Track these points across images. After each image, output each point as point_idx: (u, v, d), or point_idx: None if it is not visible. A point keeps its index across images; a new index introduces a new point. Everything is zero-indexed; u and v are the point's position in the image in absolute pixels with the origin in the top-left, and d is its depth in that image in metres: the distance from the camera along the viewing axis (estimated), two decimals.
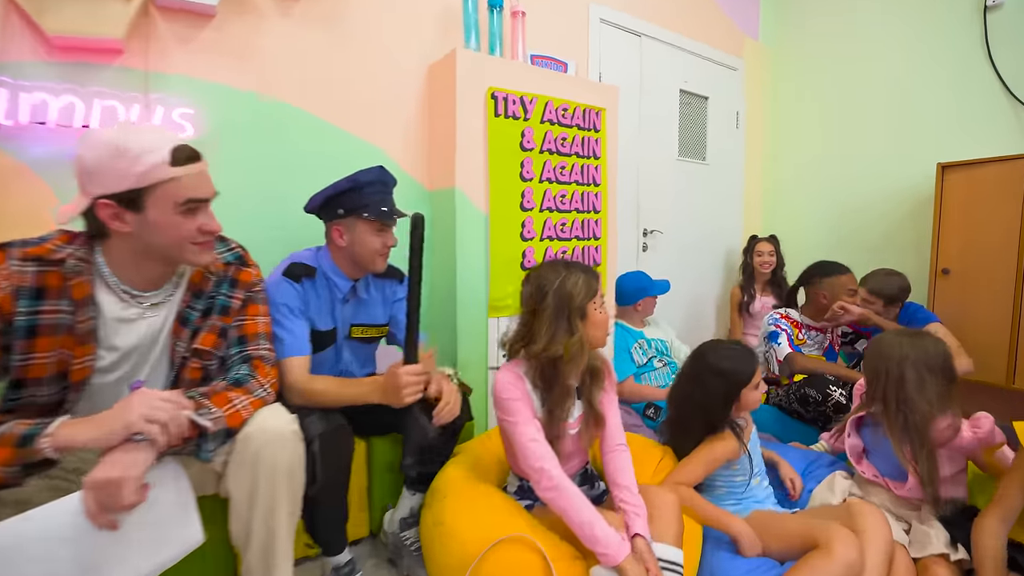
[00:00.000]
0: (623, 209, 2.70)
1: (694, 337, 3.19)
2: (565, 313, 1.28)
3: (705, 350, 1.49)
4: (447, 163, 1.91)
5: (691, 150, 3.08)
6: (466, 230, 1.90)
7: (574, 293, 1.28)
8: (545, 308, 1.28)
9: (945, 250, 2.52)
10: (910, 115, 2.84)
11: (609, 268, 2.32)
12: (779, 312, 2.23)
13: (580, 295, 1.29)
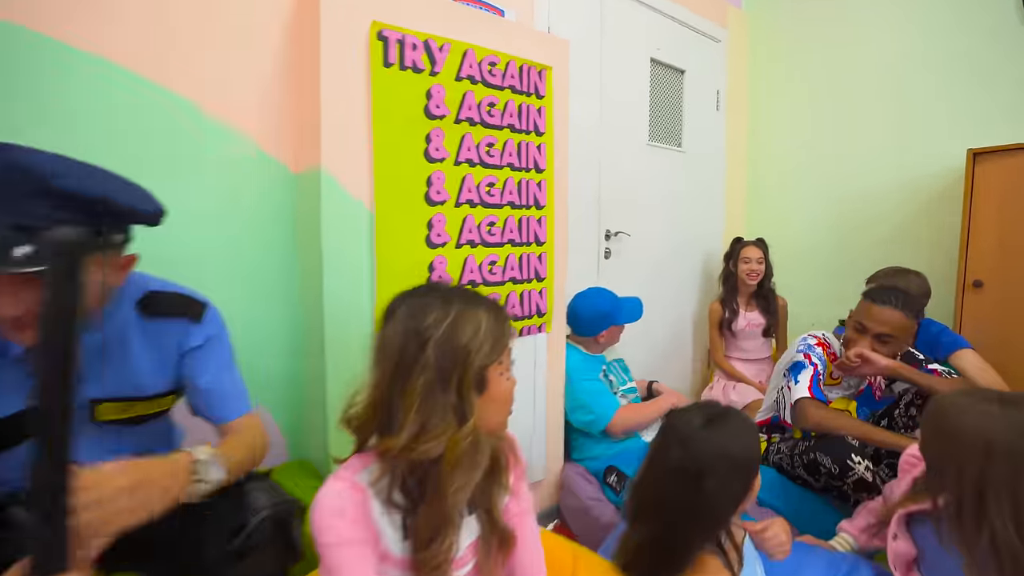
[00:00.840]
0: (580, 206, 2.13)
1: (667, 366, 2.64)
2: (452, 382, 0.74)
3: (690, 435, 0.92)
4: (312, 133, 1.30)
5: (664, 134, 2.53)
6: (338, 231, 1.29)
7: (472, 349, 0.75)
8: (418, 370, 0.73)
9: (977, 257, 2.03)
10: (927, 91, 2.34)
11: (559, 283, 1.74)
12: (815, 336, 1.66)
13: (482, 352, 0.75)
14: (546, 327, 1.71)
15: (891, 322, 1.47)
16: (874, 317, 1.48)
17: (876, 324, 1.48)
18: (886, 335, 1.48)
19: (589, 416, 1.73)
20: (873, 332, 1.48)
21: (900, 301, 1.49)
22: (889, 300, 1.49)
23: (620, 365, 1.97)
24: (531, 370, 1.68)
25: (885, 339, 1.48)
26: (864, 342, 1.49)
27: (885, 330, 1.47)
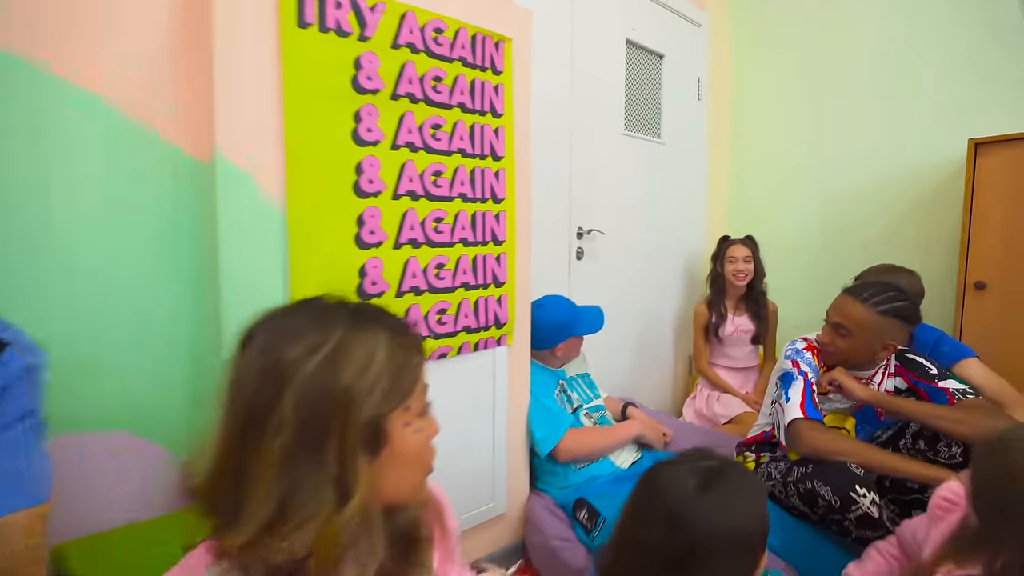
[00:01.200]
0: (547, 200, 1.91)
1: (646, 374, 2.44)
2: (329, 443, 0.51)
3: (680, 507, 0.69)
4: (206, 109, 1.05)
5: (642, 123, 2.32)
6: (239, 228, 1.05)
7: (358, 392, 0.52)
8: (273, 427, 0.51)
9: (979, 256, 1.86)
10: (925, 76, 2.17)
11: (521, 288, 1.52)
12: (804, 340, 1.47)
13: (374, 396, 0.54)
14: (507, 339, 1.49)
15: (851, 315, 1.34)
16: (836, 306, 1.39)
17: (834, 313, 1.39)
18: (842, 327, 1.35)
19: (539, 433, 1.52)
20: (831, 321, 1.38)
21: (873, 296, 1.34)
22: (859, 293, 1.36)
23: (585, 380, 1.76)
24: (489, 389, 1.46)
25: (841, 331, 1.36)
26: (826, 332, 1.40)
27: (840, 320, 1.36)
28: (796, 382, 1.35)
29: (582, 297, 2.05)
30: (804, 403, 1.30)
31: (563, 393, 1.65)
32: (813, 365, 1.39)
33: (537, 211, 1.80)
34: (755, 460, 1.55)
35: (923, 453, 1.31)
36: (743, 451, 1.60)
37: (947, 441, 1.26)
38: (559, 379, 1.68)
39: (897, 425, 1.45)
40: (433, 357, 1.33)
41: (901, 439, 1.38)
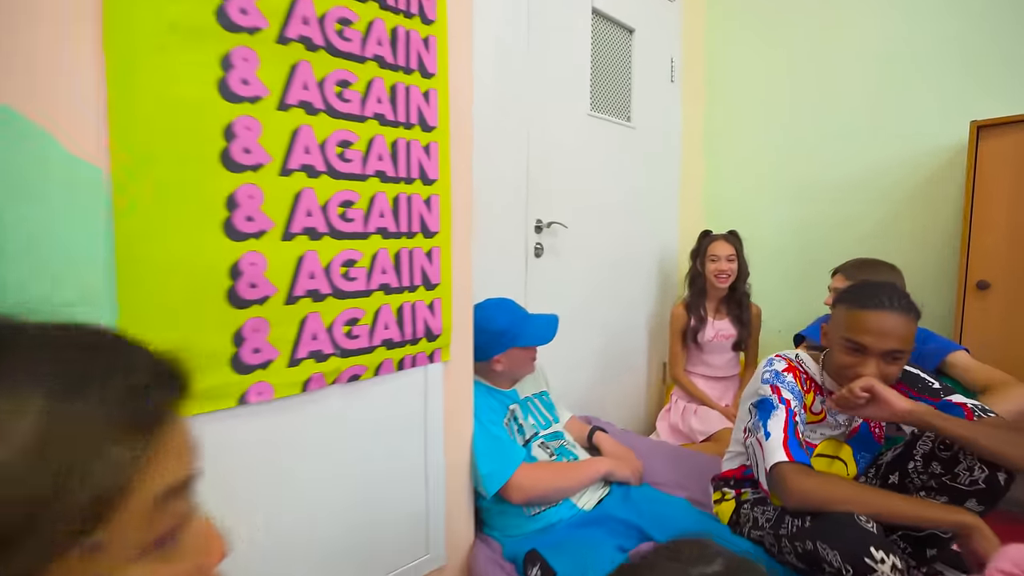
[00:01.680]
0: (499, 187, 1.64)
1: (616, 384, 2.19)
2: None
3: None
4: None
5: (610, 104, 2.07)
6: (36, 211, 0.74)
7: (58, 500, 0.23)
8: None
9: (982, 252, 1.67)
10: (922, 54, 1.96)
11: (461, 290, 1.24)
12: (784, 358, 1.21)
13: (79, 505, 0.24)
14: (442, 354, 1.20)
15: (901, 332, 1.06)
16: (876, 328, 1.05)
17: (881, 339, 1.05)
18: (898, 352, 1.06)
19: (484, 469, 1.25)
20: (879, 350, 1.05)
21: (900, 300, 1.08)
22: (889, 303, 1.06)
23: (543, 401, 1.49)
24: (420, 416, 1.18)
25: (897, 356, 1.06)
26: (869, 366, 1.06)
27: (895, 345, 1.05)
28: (776, 413, 1.10)
29: (542, 300, 1.78)
30: (788, 440, 1.05)
31: (513, 421, 1.38)
32: (796, 391, 1.15)
33: (485, 198, 1.52)
34: (735, 497, 1.31)
35: (938, 478, 1.08)
36: (720, 486, 1.36)
37: (968, 464, 1.04)
38: (510, 403, 1.41)
39: (900, 444, 1.22)
40: (342, 380, 1.04)
41: (909, 461, 1.16)
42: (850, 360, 1.09)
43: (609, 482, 1.39)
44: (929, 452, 1.11)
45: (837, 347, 1.12)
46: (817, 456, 1.23)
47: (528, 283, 1.74)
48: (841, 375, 1.12)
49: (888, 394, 1.03)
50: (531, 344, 1.40)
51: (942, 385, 1.15)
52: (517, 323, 1.37)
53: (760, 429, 1.11)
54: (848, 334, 1.08)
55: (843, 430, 1.24)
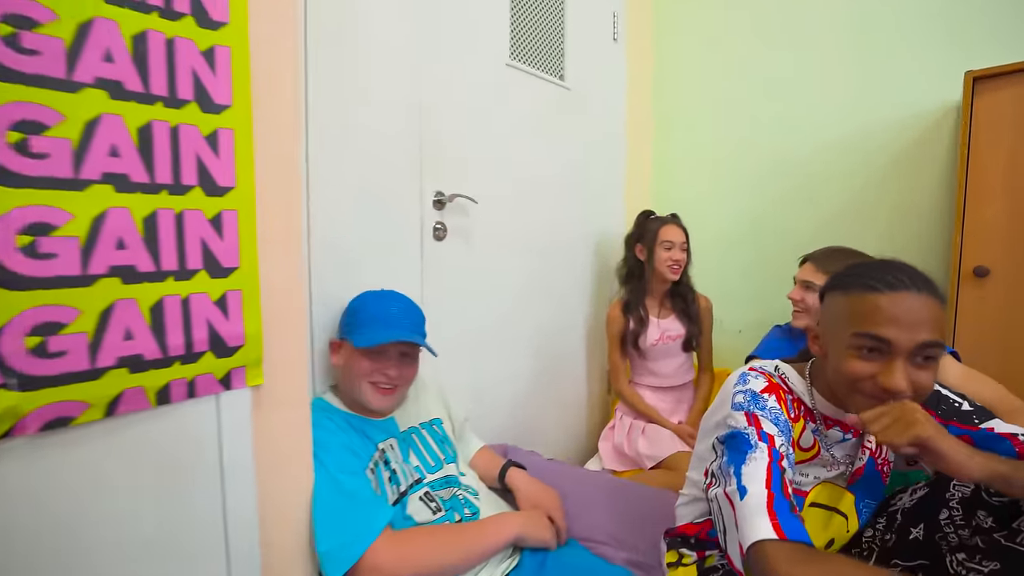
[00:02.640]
0: (379, 145, 1.22)
1: (550, 401, 1.76)
2: None
3: None
4: None
5: (537, 56, 1.69)
6: None
7: None
8: None
9: (978, 233, 1.38)
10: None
11: (284, 278, 0.82)
12: (762, 373, 0.85)
13: None
14: (247, 376, 0.78)
15: (935, 319, 0.71)
16: (903, 315, 0.70)
17: (911, 329, 0.70)
18: (932, 346, 0.71)
19: (324, 545, 0.83)
20: (907, 346, 0.70)
21: (923, 279, 0.73)
22: (911, 282, 0.72)
23: (431, 432, 1.09)
24: (210, 474, 0.75)
25: (930, 356, 0.71)
26: (894, 373, 0.70)
27: (929, 336, 0.70)
28: (754, 457, 0.73)
29: (445, 296, 1.38)
30: (774, 502, 0.68)
31: (383, 466, 0.97)
32: (783, 422, 0.79)
33: (351, 152, 1.11)
34: (696, 563, 0.94)
35: (988, 534, 0.74)
36: (677, 545, 0.99)
37: None
38: (382, 439, 1.00)
39: (923, 483, 0.88)
40: (28, 428, 0.60)
41: (941, 509, 0.81)
42: (864, 367, 0.73)
43: (521, 548, 1.00)
44: (972, 497, 0.77)
45: (841, 352, 0.76)
46: (810, 507, 0.88)
47: (425, 275, 1.33)
48: (850, 392, 0.76)
49: (951, 450, 0.67)
50: (356, 343, 0.97)
51: (973, 406, 0.82)
52: (369, 314, 0.99)
53: (731, 480, 0.73)
54: (861, 328, 0.73)
55: (844, 470, 0.89)
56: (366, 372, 0.98)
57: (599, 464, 1.74)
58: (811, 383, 0.88)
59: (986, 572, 0.72)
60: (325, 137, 1.10)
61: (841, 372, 0.76)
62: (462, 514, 0.99)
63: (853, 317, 0.75)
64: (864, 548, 0.92)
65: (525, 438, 1.66)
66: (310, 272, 1.08)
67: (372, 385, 0.99)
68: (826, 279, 0.88)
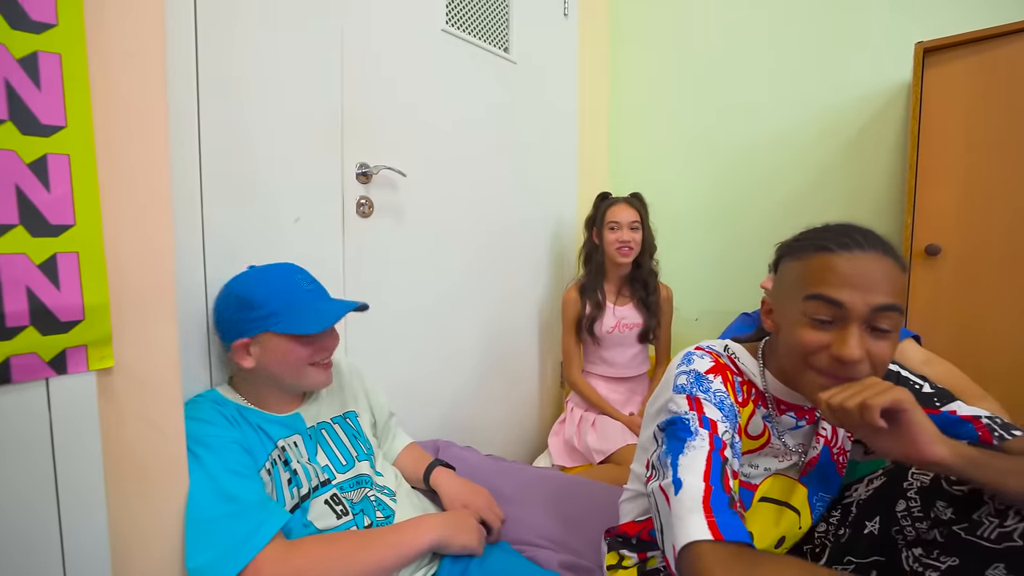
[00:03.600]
0: (284, 105, 1.09)
1: (499, 392, 1.63)
2: None
3: None
4: None
5: (477, 24, 1.58)
6: None
7: None
8: None
9: (930, 213, 1.34)
10: None
11: (139, 239, 0.69)
12: (708, 352, 0.76)
13: None
14: (89, 357, 0.64)
15: (893, 281, 0.63)
16: (858, 275, 0.63)
17: (867, 291, 0.62)
18: (889, 310, 0.62)
19: (196, 559, 0.71)
20: (863, 310, 0.62)
21: (881, 240, 0.66)
22: (865, 241, 0.65)
23: (344, 426, 0.97)
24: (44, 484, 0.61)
25: (886, 328, 0.63)
26: (848, 341, 0.62)
27: (886, 299, 0.62)
28: (693, 445, 0.64)
29: (374, 281, 1.26)
30: (711, 496, 0.59)
31: (282, 466, 0.83)
32: (728, 406, 0.70)
33: (241, 111, 0.98)
34: (637, 565, 0.85)
35: (947, 527, 0.67)
36: (617, 546, 0.89)
37: (996, 507, 0.63)
38: (284, 435, 0.87)
39: (879, 471, 0.81)
40: None
41: (898, 500, 0.73)
42: (817, 337, 0.65)
43: (441, 554, 0.88)
44: (932, 486, 0.70)
45: (794, 322, 0.68)
46: (760, 502, 0.79)
47: (348, 254, 1.20)
48: (800, 366, 0.68)
49: (921, 428, 0.59)
50: (296, 330, 0.84)
51: (935, 388, 0.75)
52: (285, 296, 0.84)
53: (667, 471, 0.64)
54: (811, 289, 0.65)
55: (796, 461, 0.80)
56: (307, 356, 0.86)
57: (548, 461, 1.64)
58: (764, 364, 0.80)
59: (943, 568, 0.65)
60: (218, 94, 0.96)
61: (793, 344, 0.68)
62: (373, 518, 0.87)
63: (805, 280, 0.67)
64: (817, 544, 0.84)
65: (468, 436, 1.54)
66: (204, 246, 0.94)
67: (315, 366, 0.88)
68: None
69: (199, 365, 0.93)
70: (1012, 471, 0.58)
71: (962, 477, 0.59)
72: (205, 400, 0.86)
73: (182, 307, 0.81)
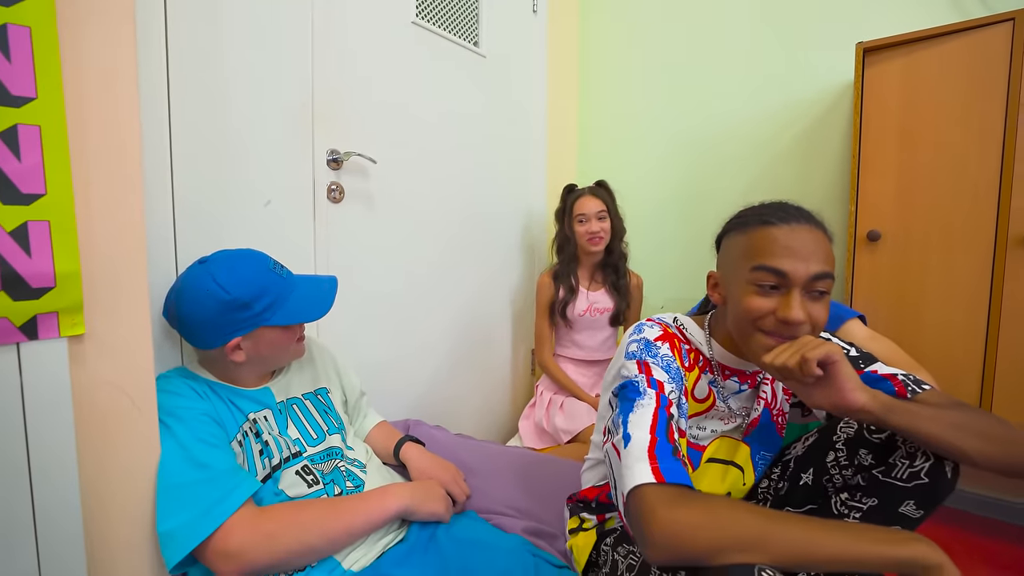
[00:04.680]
0: (258, 90, 1.11)
1: (472, 375, 1.68)
2: None
3: None
4: None
5: (447, 18, 1.62)
6: None
7: None
8: None
9: (872, 200, 1.43)
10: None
11: (113, 205, 0.71)
12: (658, 323, 0.82)
13: None
14: (60, 323, 0.66)
15: (825, 251, 0.72)
16: (796, 246, 0.70)
17: (805, 260, 0.69)
18: (824, 277, 0.70)
19: (166, 524, 0.73)
20: (802, 278, 0.69)
21: (811, 214, 0.75)
22: (798, 214, 0.73)
23: (315, 402, 1.00)
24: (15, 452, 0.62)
25: (822, 290, 0.71)
26: (790, 304, 0.69)
27: (821, 267, 0.70)
28: (641, 403, 0.69)
29: (350, 265, 1.28)
30: (656, 445, 0.65)
31: (254, 438, 0.86)
32: (675, 369, 0.75)
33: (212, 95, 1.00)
34: (596, 526, 0.90)
35: (867, 471, 0.74)
36: (578, 510, 0.94)
37: (908, 450, 0.70)
38: (254, 409, 0.89)
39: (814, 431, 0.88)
40: None
41: (828, 451, 0.80)
42: (764, 303, 0.71)
43: (409, 522, 0.92)
44: (856, 436, 0.77)
45: (741, 291, 0.74)
46: (708, 462, 0.85)
47: (320, 237, 1.22)
48: (749, 330, 0.74)
49: (847, 377, 0.66)
50: (297, 320, 0.89)
51: (860, 352, 0.82)
52: (272, 288, 0.86)
53: (619, 429, 0.69)
54: (758, 261, 0.72)
55: (740, 423, 0.87)
56: (290, 338, 0.92)
57: (519, 444, 1.68)
58: (710, 333, 0.86)
59: (865, 509, 0.72)
60: (189, 75, 0.98)
61: (741, 311, 0.74)
62: (343, 487, 0.90)
63: (751, 252, 0.74)
64: (760, 499, 0.90)
65: (440, 420, 1.58)
66: (175, 222, 0.96)
67: (293, 348, 0.94)
68: None
69: (170, 341, 0.95)
70: (922, 416, 0.66)
71: (880, 422, 0.66)
72: (175, 374, 0.88)
73: (154, 285, 0.83)
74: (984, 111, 1.27)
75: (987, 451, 0.64)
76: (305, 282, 0.93)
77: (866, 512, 0.72)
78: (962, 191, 1.30)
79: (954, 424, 0.65)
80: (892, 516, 0.70)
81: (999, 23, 1.24)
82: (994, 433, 0.65)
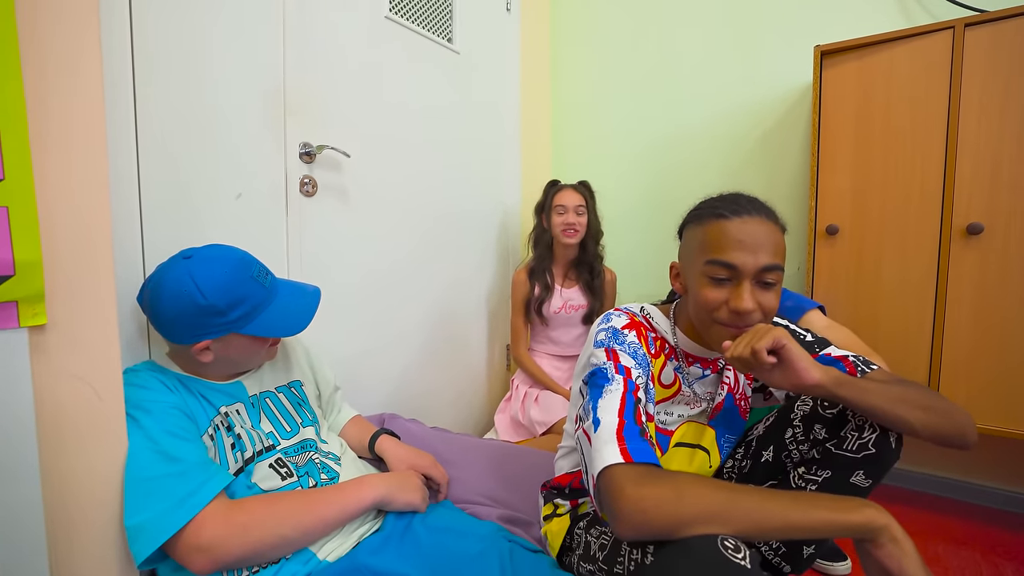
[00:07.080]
0: (228, 80, 1.10)
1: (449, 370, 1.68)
2: None
3: None
4: None
5: (420, 14, 1.62)
6: None
7: None
8: None
9: (830, 196, 1.50)
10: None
11: (79, 190, 0.69)
12: (625, 312, 0.85)
13: None
14: (20, 313, 0.64)
15: (775, 242, 0.75)
16: (747, 238, 0.74)
17: (754, 252, 0.73)
18: (773, 269, 0.74)
19: (135, 518, 0.71)
20: (752, 269, 0.73)
21: (763, 206, 0.79)
22: (750, 206, 0.77)
23: (288, 395, 0.99)
24: None
25: (771, 281, 0.75)
26: (741, 295, 0.73)
27: (770, 259, 0.74)
28: (610, 389, 0.72)
29: (321, 261, 1.28)
30: (624, 427, 0.67)
31: (226, 432, 0.85)
32: (641, 356, 0.78)
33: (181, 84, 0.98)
34: (570, 511, 0.92)
35: (822, 445, 0.79)
36: (552, 497, 0.96)
37: (857, 422, 0.75)
38: (225, 402, 0.88)
39: (773, 412, 0.92)
40: None
41: (787, 428, 0.84)
42: (717, 294, 0.75)
43: (385, 512, 0.92)
44: (811, 413, 0.81)
45: (696, 282, 0.78)
46: (675, 447, 0.88)
47: (292, 231, 1.21)
48: (707, 320, 0.77)
49: (799, 357, 0.70)
50: (269, 334, 0.88)
51: (815, 337, 0.86)
52: (250, 298, 0.85)
53: (589, 415, 0.71)
54: (710, 255, 0.76)
55: (705, 407, 0.90)
56: (262, 345, 0.90)
57: (495, 437, 1.69)
58: (675, 322, 0.89)
59: (820, 481, 0.76)
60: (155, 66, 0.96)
61: (699, 302, 0.77)
62: (317, 479, 0.89)
63: (705, 245, 0.77)
64: (725, 477, 0.94)
65: (416, 414, 1.58)
66: (142, 212, 0.94)
67: (263, 354, 0.93)
68: None
69: (137, 335, 0.93)
70: (870, 390, 0.70)
71: (832, 396, 0.70)
72: (144, 368, 0.86)
73: (120, 277, 0.81)
74: (929, 112, 1.34)
75: (927, 421, 0.69)
76: (287, 292, 0.91)
77: (821, 484, 0.76)
78: (911, 187, 1.37)
79: (898, 398, 0.70)
80: (844, 486, 0.74)
81: (941, 31, 1.32)
82: (934, 405, 0.70)
